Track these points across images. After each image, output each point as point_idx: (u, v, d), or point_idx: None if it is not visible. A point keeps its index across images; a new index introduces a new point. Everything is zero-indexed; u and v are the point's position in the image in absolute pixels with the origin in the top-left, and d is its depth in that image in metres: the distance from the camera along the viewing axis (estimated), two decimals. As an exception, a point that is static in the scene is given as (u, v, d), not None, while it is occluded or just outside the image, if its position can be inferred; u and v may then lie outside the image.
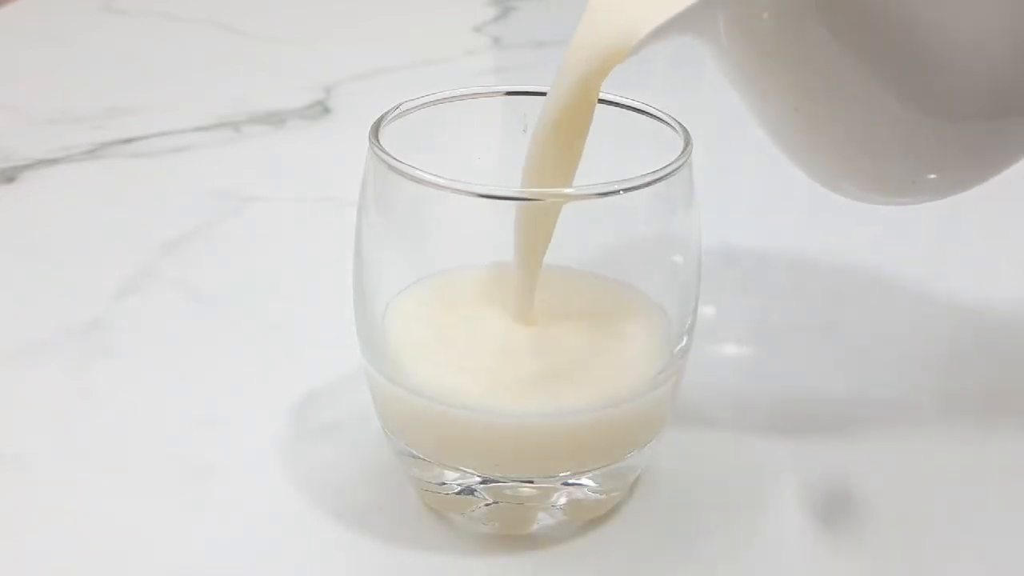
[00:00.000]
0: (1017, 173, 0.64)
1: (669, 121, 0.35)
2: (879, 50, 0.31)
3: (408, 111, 0.35)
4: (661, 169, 0.32)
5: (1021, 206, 0.61)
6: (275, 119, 0.67)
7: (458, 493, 0.35)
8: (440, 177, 0.31)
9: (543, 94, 0.34)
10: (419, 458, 0.35)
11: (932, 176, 0.35)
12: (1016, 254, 0.55)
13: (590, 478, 0.35)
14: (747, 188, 0.62)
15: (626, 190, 0.31)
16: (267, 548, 0.35)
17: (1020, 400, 0.43)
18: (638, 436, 0.35)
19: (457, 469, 0.34)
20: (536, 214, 0.33)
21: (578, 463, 0.34)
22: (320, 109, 0.69)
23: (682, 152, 0.33)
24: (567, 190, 0.33)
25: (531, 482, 0.34)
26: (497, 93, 0.37)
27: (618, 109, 0.36)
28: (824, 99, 0.33)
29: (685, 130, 0.34)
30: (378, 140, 0.33)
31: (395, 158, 0.32)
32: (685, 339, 0.35)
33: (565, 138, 0.33)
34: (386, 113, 0.35)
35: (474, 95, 0.37)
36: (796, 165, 0.37)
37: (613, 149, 0.35)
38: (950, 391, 0.44)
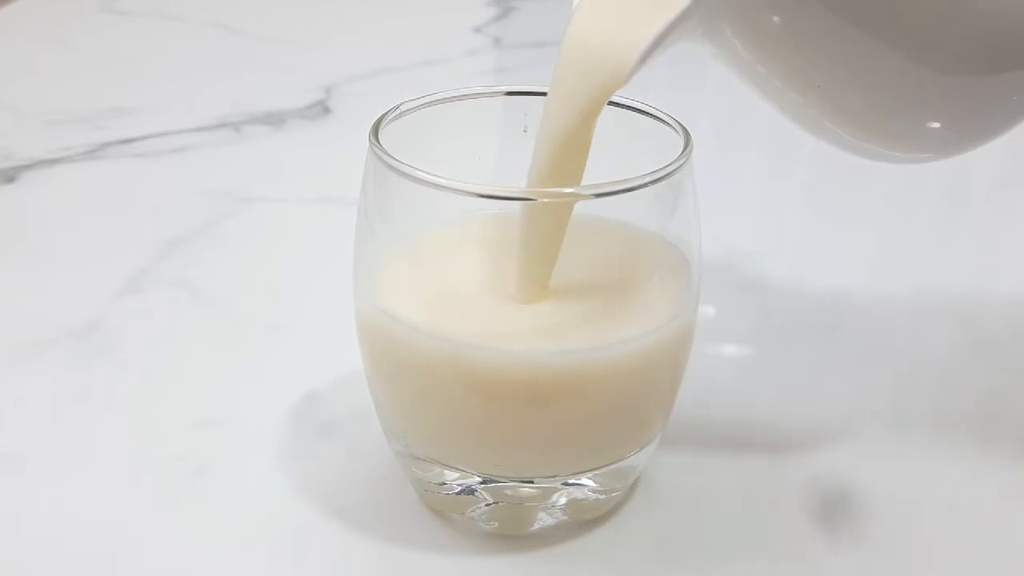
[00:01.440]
0: (1018, 175, 0.64)
1: (669, 121, 0.35)
2: (888, 20, 0.31)
3: (408, 111, 0.35)
4: (661, 169, 0.32)
5: (1021, 207, 0.61)
6: (275, 119, 0.67)
7: (458, 493, 0.35)
8: (440, 177, 0.31)
9: (543, 94, 0.34)
10: (419, 458, 0.35)
11: (948, 128, 0.34)
12: (1016, 255, 0.55)
13: (590, 478, 0.35)
14: (747, 188, 0.62)
15: (626, 190, 0.31)
16: (267, 548, 0.35)
17: (1020, 400, 0.43)
18: (635, 409, 0.34)
19: (456, 468, 0.34)
20: (549, 215, 0.33)
21: (566, 439, 0.33)
22: (320, 109, 0.69)
23: (682, 152, 0.33)
24: (567, 190, 0.33)
25: (531, 482, 0.34)
26: (497, 93, 0.37)
27: (618, 109, 0.36)
28: (841, 71, 0.33)
29: (685, 130, 0.34)
30: (378, 140, 0.33)
31: (395, 158, 0.32)
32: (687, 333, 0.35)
33: (567, 157, 0.33)
34: (386, 113, 0.35)
35: (474, 95, 0.37)
36: (816, 136, 0.36)
37: (613, 149, 0.35)
38: (950, 391, 0.44)
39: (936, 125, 0.34)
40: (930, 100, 0.33)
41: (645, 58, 0.30)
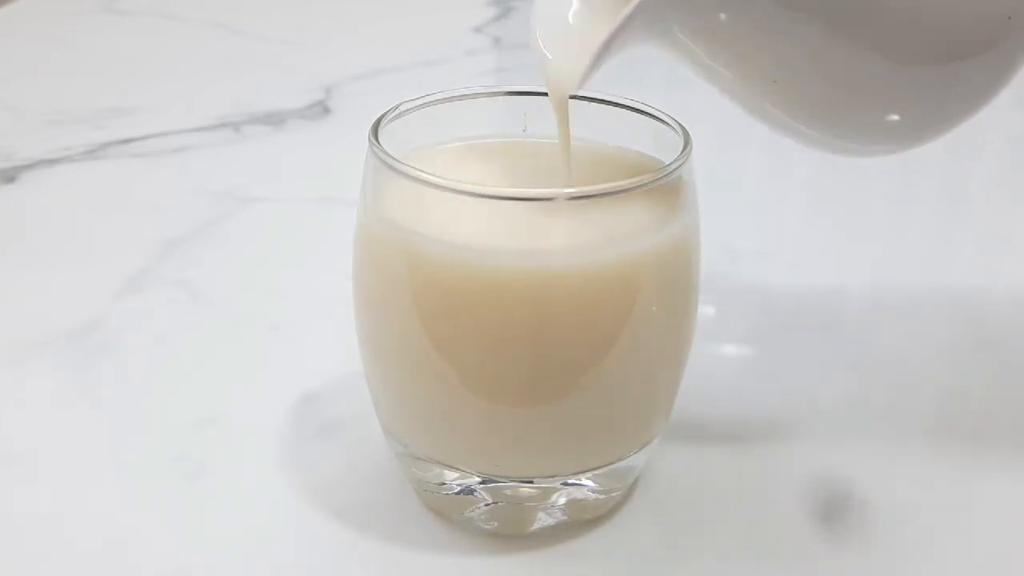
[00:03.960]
0: (1017, 175, 0.64)
1: (669, 121, 0.35)
2: (834, 13, 0.31)
3: (408, 111, 0.35)
4: (661, 169, 0.32)
5: (1020, 207, 0.61)
6: (275, 119, 0.67)
7: (458, 493, 0.35)
8: (440, 177, 0.31)
9: (543, 94, 0.34)
10: (419, 458, 0.35)
11: (906, 119, 0.34)
12: (1016, 255, 0.55)
13: (589, 478, 0.35)
14: (747, 188, 0.62)
15: (626, 190, 0.31)
16: (267, 548, 0.35)
17: (1020, 400, 0.43)
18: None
19: (456, 468, 0.34)
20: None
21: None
22: (320, 109, 0.69)
23: (682, 152, 0.33)
24: (567, 190, 0.33)
25: (531, 482, 0.34)
26: (497, 93, 0.37)
27: (618, 109, 0.36)
28: (795, 65, 0.33)
29: (685, 130, 0.34)
30: (378, 140, 0.33)
31: (395, 158, 0.32)
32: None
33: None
34: (386, 113, 0.35)
35: (474, 95, 0.37)
36: (782, 133, 0.36)
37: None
38: (950, 391, 0.44)
39: (894, 117, 0.34)
40: (885, 91, 0.33)
41: (590, 73, 0.32)
